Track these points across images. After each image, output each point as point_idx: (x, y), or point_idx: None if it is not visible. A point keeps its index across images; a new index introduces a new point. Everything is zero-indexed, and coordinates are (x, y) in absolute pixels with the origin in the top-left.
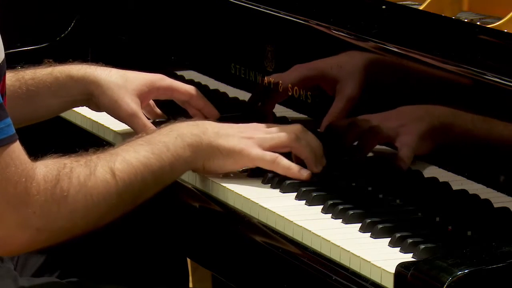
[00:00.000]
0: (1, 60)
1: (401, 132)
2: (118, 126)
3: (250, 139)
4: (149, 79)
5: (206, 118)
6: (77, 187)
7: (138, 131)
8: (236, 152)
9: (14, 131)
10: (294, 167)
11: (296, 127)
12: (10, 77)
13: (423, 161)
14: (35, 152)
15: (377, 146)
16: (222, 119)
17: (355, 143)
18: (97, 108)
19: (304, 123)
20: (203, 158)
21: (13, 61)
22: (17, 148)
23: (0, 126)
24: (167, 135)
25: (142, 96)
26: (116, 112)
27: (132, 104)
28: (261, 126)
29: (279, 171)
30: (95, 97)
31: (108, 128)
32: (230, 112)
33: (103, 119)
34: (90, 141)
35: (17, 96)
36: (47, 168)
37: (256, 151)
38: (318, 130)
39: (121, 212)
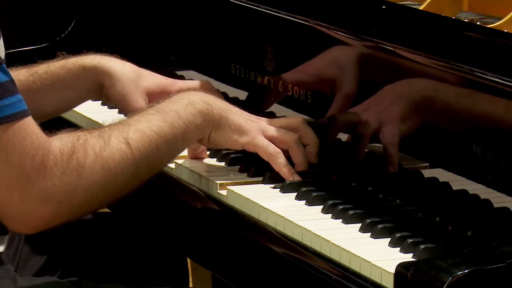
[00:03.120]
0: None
1: (399, 131)
2: None
3: (256, 123)
4: (162, 82)
5: None
6: (93, 157)
7: None
8: (243, 130)
9: (26, 107)
10: (290, 168)
11: (299, 118)
12: (24, 72)
13: (423, 161)
14: None
15: (377, 147)
16: None
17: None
18: (108, 100)
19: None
20: (211, 126)
21: (13, 61)
22: (31, 122)
23: (13, 100)
24: (178, 102)
25: (152, 96)
26: (123, 106)
27: (140, 101)
28: (265, 119)
29: (275, 165)
30: (105, 88)
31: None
32: None
33: (102, 118)
34: None
35: (32, 90)
36: (61, 141)
37: (261, 139)
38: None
39: (139, 182)
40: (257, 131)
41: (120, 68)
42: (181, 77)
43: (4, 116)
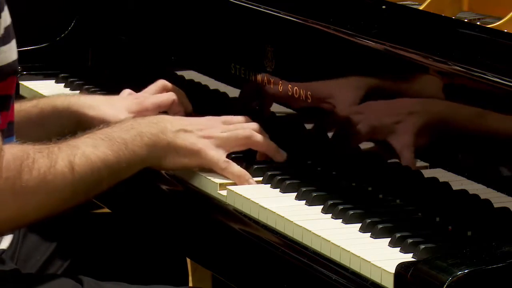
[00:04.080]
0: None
1: (400, 131)
2: None
3: (208, 138)
4: (136, 101)
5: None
6: (36, 179)
7: None
8: (194, 152)
9: None
10: (245, 174)
11: (253, 124)
12: None
13: (423, 161)
14: None
15: (377, 146)
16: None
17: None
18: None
19: (305, 123)
20: (159, 157)
21: None
22: None
23: None
24: (128, 131)
25: (133, 112)
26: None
27: (119, 115)
28: (219, 122)
29: (230, 177)
30: (84, 123)
31: None
32: (230, 112)
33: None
34: None
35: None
36: (11, 156)
37: (212, 154)
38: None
39: (73, 204)
40: (209, 148)
41: (91, 100)
42: (181, 77)
43: None
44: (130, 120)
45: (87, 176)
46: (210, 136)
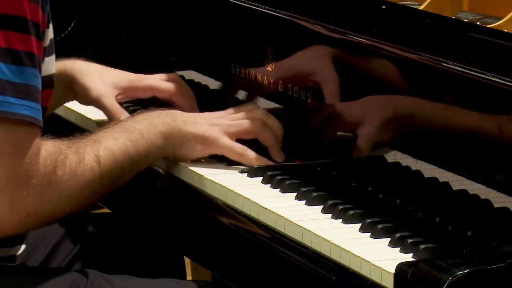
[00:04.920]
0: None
1: (400, 131)
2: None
3: (217, 125)
4: (128, 78)
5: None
6: (69, 174)
7: (107, 112)
8: (205, 138)
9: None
10: (262, 160)
11: (261, 112)
12: None
13: (423, 161)
14: None
15: (376, 146)
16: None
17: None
18: (80, 100)
19: (306, 122)
20: (173, 145)
21: None
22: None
23: (27, 104)
24: (141, 122)
25: (120, 89)
26: (87, 97)
27: (101, 88)
28: (226, 113)
29: (246, 163)
30: (73, 87)
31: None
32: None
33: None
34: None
35: None
36: (47, 152)
37: (225, 140)
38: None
39: (101, 197)
40: (220, 135)
41: (83, 67)
42: (181, 77)
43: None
44: (141, 113)
45: (112, 168)
46: (219, 123)
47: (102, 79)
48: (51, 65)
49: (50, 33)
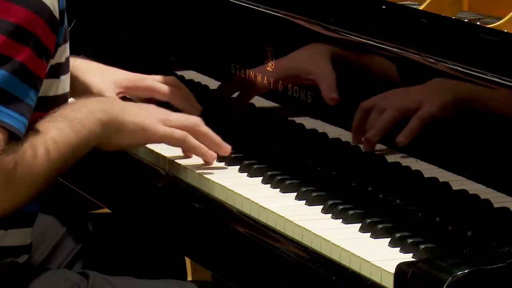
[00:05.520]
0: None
1: (400, 130)
2: None
3: (155, 116)
4: (129, 77)
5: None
6: (25, 171)
7: None
8: (144, 127)
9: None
10: (203, 147)
11: (197, 118)
12: None
13: (423, 161)
14: None
15: (377, 146)
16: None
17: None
18: (79, 96)
19: (304, 122)
20: (110, 132)
21: None
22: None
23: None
24: (80, 111)
25: (121, 87)
26: (87, 94)
27: (102, 84)
28: (163, 110)
29: (188, 148)
30: (73, 86)
31: None
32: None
33: None
34: None
35: None
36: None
37: (164, 128)
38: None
39: (42, 188)
40: (157, 123)
41: (84, 66)
42: (181, 77)
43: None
44: (78, 100)
45: (57, 159)
46: (156, 115)
47: (103, 76)
48: (67, 83)
49: (67, 51)
